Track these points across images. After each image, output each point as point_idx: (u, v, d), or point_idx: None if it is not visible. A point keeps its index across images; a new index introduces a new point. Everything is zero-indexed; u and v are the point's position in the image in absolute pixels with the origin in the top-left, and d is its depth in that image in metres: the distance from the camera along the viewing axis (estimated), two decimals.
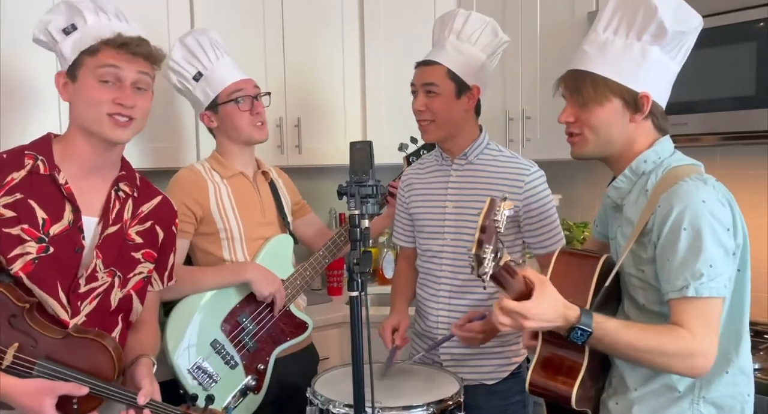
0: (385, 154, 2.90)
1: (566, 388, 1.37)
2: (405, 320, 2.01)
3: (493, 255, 1.14)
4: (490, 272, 1.15)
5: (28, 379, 1.38)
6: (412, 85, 1.96)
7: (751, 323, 2.22)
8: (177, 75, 2.07)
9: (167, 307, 1.97)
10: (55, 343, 1.42)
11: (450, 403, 1.67)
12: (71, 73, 1.53)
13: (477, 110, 1.98)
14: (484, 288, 1.20)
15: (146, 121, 1.60)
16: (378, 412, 1.60)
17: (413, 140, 2.25)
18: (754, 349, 2.00)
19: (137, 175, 1.69)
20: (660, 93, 1.42)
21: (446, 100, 1.89)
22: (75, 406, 1.41)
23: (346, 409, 1.62)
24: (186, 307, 1.95)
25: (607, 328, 1.29)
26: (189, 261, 2.09)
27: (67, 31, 1.53)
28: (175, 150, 2.48)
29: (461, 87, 1.90)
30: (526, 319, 1.26)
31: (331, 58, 2.90)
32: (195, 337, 1.92)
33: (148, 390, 1.47)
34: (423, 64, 1.93)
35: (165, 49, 2.39)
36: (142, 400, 1.45)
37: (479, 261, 1.14)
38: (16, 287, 1.43)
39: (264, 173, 2.18)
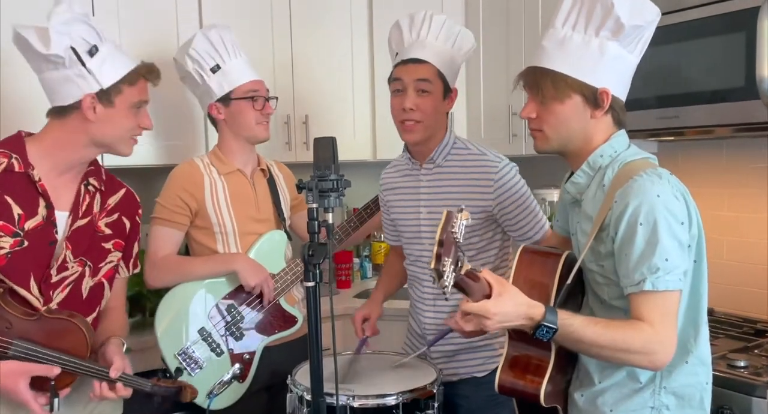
0: (393, 151, 2.95)
1: (534, 386, 1.39)
2: (376, 311, 2.09)
3: (453, 266, 1.16)
4: (451, 283, 1.17)
5: (3, 361, 1.47)
6: (397, 80, 1.90)
7: (751, 321, 2.20)
8: (195, 63, 2.13)
9: (159, 295, 2.07)
10: (29, 324, 1.52)
11: (424, 392, 1.70)
12: (107, 98, 1.61)
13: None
14: (446, 299, 1.23)
15: None
16: (349, 399, 1.65)
17: (404, 151, 2.27)
18: (746, 347, 1.98)
19: (103, 169, 1.78)
20: (619, 87, 1.42)
21: (436, 100, 1.88)
22: (53, 383, 1.51)
23: (326, 397, 1.67)
24: (176, 295, 2.04)
25: (572, 324, 1.30)
26: (187, 253, 2.19)
27: (92, 53, 1.59)
28: (185, 147, 2.58)
29: (446, 88, 1.90)
30: (487, 319, 1.29)
31: (339, 55, 2.95)
32: (183, 324, 2.01)
33: (119, 365, 1.58)
34: (412, 62, 1.88)
35: (174, 47, 2.53)
36: (113, 373, 1.56)
37: (439, 275, 1.16)
38: None
39: (263, 170, 2.24)
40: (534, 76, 1.43)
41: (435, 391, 1.73)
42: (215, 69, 2.12)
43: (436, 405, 1.73)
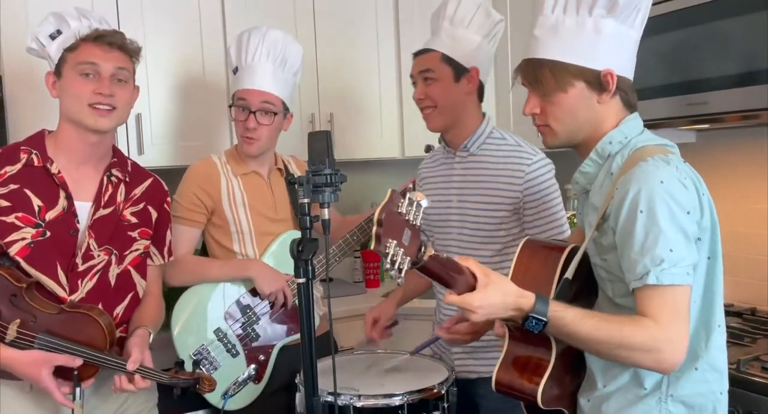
0: (422, 148, 2.90)
1: (532, 386, 1.32)
2: (387, 312, 2.06)
3: (401, 249, 1.10)
4: (405, 268, 1.11)
5: (28, 350, 1.53)
6: (411, 76, 1.97)
7: None
8: (229, 62, 2.17)
9: (176, 294, 2.07)
10: (52, 318, 1.57)
11: (432, 393, 1.66)
12: (57, 70, 1.68)
13: (480, 95, 1.96)
14: (399, 284, 1.17)
15: (129, 112, 1.74)
16: (351, 399, 1.62)
17: (441, 142, 2.23)
18: None
19: (129, 161, 1.82)
20: (624, 66, 1.33)
21: (444, 85, 1.89)
22: (76, 373, 1.55)
23: (330, 397, 1.64)
24: (193, 295, 2.05)
25: (565, 317, 1.22)
26: (204, 250, 2.20)
27: (53, 36, 1.69)
28: (206, 148, 2.56)
29: (458, 70, 1.89)
30: (471, 313, 1.24)
31: (365, 52, 2.92)
32: (199, 324, 2.01)
33: (137, 357, 1.60)
34: (418, 54, 1.95)
35: (198, 49, 2.56)
36: (130, 366, 1.58)
37: (384, 256, 1.10)
38: (15, 269, 1.58)
39: (280, 169, 2.21)
40: (531, 68, 1.36)
41: (444, 391, 1.68)
42: (235, 71, 2.13)
43: (445, 406, 1.68)
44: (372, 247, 1.10)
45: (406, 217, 1.12)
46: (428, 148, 2.25)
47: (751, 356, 1.73)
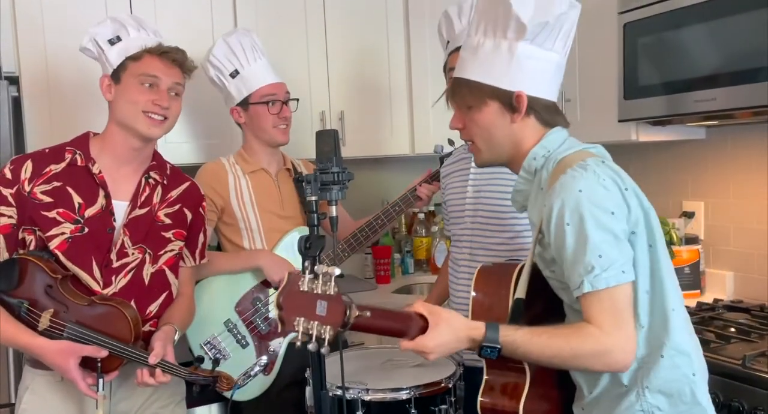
0: (432, 145, 2.92)
1: (513, 404, 1.35)
2: None
3: (315, 322, 1.13)
4: (327, 336, 1.13)
5: (57, 340, 1.59)
6: (453, 69, 1.98)
7: None
8: (215, 70, 2.22)
9: None
10: (82, 310, 1.63)
11: (439, 387, 1.68)
12: (115, 75, 1.75)
13: None
14: (323, 354, 1.20)
15: (176, 122, 1.81)
16: (359, 393, 1.65)
17: (450, 142, 2.27)
18: None
19: (168, 165, 1.89)
20: (540, 87, 1.36)
21: None
22: (99, 364, 1.60)
23: (338, 390, 1.67)
24: (204, 286, 2.09)
25: (515, 340, 1.26)
26: (218, 247, 2.24)
27: (112, 42, 1.76)
28: (223, 146, 2.60)
29: None
30: (427, 354, 1.27)
31: (375, 50, 2.93)
32: (209, 315, 2.06)
33: (159, 352, 1.64)
34: (457, 50, 1.95)
35: (209, 47, 2.59)
36: (152, 360, 1.62)
37: (296, 333, 1.14)
38: (53, 262, 1.65)
39: (288, 170, 2.27)
40: (453, 87, 1.43)
41: (451, 385, 1.70)
42: (234, 74, 2.19)
43: (453, 400, 1.70)
44: (280, 330, 1.12)
45: (315, 291, 1.15)
46: (437, 149, 2.29)
47: (757, 352, 1.73)
